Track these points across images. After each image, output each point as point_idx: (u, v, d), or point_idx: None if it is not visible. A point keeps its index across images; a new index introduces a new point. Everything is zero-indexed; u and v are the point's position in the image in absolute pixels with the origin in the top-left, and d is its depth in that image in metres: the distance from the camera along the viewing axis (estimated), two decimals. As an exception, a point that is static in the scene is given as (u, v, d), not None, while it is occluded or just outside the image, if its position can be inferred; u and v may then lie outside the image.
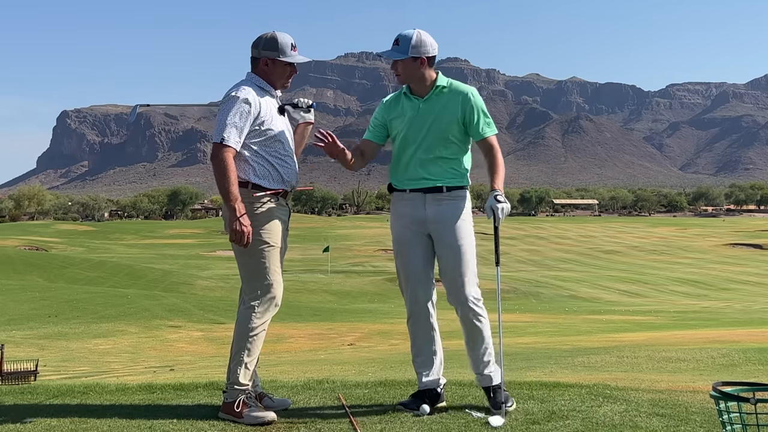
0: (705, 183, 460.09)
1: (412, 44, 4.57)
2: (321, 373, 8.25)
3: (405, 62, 4.60)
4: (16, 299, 29.70)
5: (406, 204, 4.70)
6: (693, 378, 6.57)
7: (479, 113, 4.63)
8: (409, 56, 4.57)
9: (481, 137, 4.64)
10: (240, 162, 4.47)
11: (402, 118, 4.72)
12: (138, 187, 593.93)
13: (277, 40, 4.55)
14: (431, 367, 4.71)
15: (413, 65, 4.60)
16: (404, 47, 4.58)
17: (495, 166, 4.60)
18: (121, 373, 12.97)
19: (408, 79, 4.66)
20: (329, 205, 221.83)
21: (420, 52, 4.58)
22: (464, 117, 4.62)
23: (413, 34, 4.59)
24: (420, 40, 4.58)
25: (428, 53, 4.61)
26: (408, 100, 4.73)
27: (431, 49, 4.62)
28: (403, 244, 4.69)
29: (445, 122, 4.62)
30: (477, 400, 4.86)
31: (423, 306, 4.68)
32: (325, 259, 63.31)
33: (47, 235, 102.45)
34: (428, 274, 4.71)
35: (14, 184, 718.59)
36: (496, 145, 4.66)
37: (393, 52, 4.61)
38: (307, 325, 25.02)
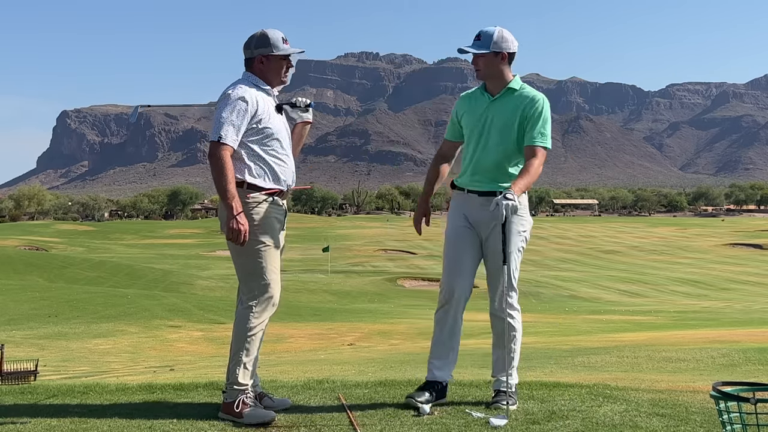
0: (705, 183, 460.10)
1: (494, 39, 4.61)
2: (321, 373, 8.25)
3: (486, 57, 4.63)
4: (16, 299, 29.69)
5: (462, 202, 4.77)
6: (693, 378, 6.57)
7: (540, 121, 4.62)
8: (491, 50, 4.60)
9: (530, 144, 4.61)
10: (236, 161, 4.45)
11: (472, 114, 4.77)
12: (138, 187, 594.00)
13: (268, 36, 4.55)
14: (446, 360, 4.78)
15: (494, 60, 4.63)
16: (486, 42, 4.61)
17: (527, 169, 4.58)
18: (121, 373, 12.97)
19: (487, 74, 4.68)
20: (329, 205, 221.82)
21: (501, 48, 4.62)
22: (526, 121, 4.63)
23: (495, 30, 4.64)
24: (501, 36, 4.63)
25: (509, 49, 4.65)
26: (482, 96, 4.77)
27: (512, 45, 4.67)
28: (453, 237, 4.77)
29: (508, 124, 4.64)
30: (477, 400, 4.86)
31: (456, 300, 4.73)
32: (325, 259, 63.30)
33: (47, 235, 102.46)
34: (470, 270, 4.76)
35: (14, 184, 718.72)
36: (539, 156, 4.61)
37: (475, 47, 4.63)
38: (307, 325, 25.02)
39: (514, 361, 4.75)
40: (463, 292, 4.74)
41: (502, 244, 4.59)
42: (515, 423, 4.21)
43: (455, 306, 4.74)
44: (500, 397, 4.64)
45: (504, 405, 4.51)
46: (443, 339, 4.78)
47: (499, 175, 4.68)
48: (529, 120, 4.62)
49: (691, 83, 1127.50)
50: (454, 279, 4.72)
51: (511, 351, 4.72)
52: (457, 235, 4.77)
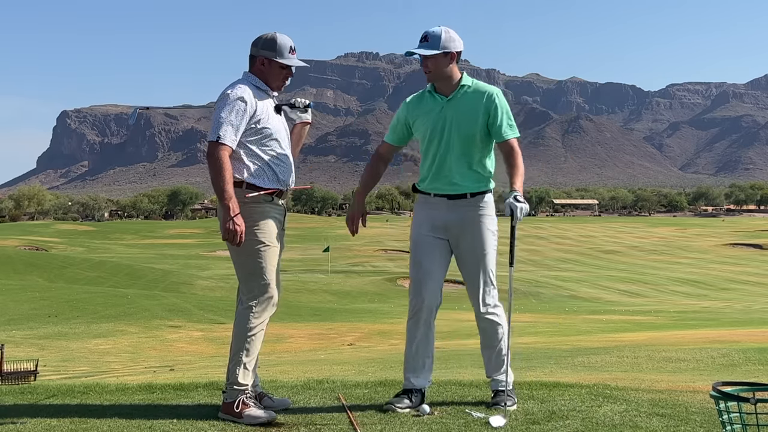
0: (705, 183, 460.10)
1: (442, 39, 4.58)
2: (321, 373, 8.25)
3: (436, 58, 4.59)
4: (16, 299, 29.69)
5: (429, 207, 4.71)
6: (693, 378, 6.57)
7: (503, 114, 4.63)
8: (440, 51, 4.58)
9: (503, 139, 4.62)
10: (235, 161, 4.45)
11: (426, 116, 4.71)
12: (138, 187, 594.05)
13: (275, 41, 4.54)
14: (422, 370, 4.73)
15: (444, 60, 4.60)
16: (434, 43, 4.58)
17: (515, 167, 4.59)
18: (121, 373, 12.97)
19: (437, 75, 4.64)
20: (329, 205, 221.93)
21: (450, 47, 4.60)
22: (488, 117, 4.61)
23: (441, 30, 4.61)
24: (449, 35, 4.61)
25: (457, 48, 4.63)
26: (432, 98, 4.72)
27: (459, 44, 4.64)
28: (420, 246, 4.70)
29: (468, 122, 4.61)
30: (477, 400, 4.86)
31: (427, 309, 4.67)
32: (325, 259, 63.29)
33: (47, 235, 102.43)
34: (439, 278, 4.71)
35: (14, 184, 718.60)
36: (516, 147, 4.64)
37: (423, 49, 4.60)
38: (307, 325, 25.01)
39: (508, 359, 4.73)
40: (434, 300, 4.69)
41: (511, 246, 4.56)
42: (515, 423, 4.21)
43: (426, 315, 4.68)
44: (499, 397, 4.63)
45: (503, 405, 4.51)
46: (416, 351, 4.72)
47: (465, 175, 4.63)
48: (493, 115, 4.60)
49: (691, 83, 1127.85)
50: (424, 288, 4.66)
51: (504, 349, 4.70)
52: (423, 242, 4.70)
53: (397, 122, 4.84)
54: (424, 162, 4.73)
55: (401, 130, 4.83)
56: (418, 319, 4.70)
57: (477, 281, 4.65)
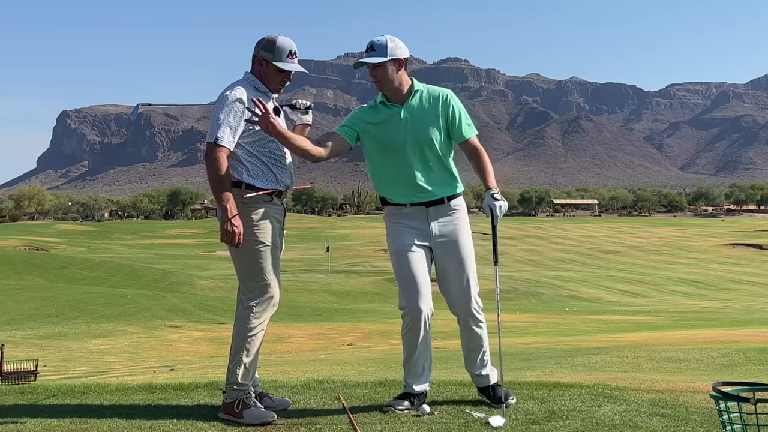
0: (705, 183, 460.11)
1: (389, 47, 4.55)
2: (321, 373, 8.25)
3: (384, 66, 4.55)
4: (16, 299, 29.68)
5: (406, 217, 4.67)
6: (693, 378, 6.57)
7: (460, 115, 4.64)
8: (388, 59, 4.54)
9: (463, 139, 4.65)
10: (233, 162, 4.45)
11: (382, 126, 4.63)
12: (138, 187, 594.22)
13: (275, 44, 4.53)
14: (421, 376, 4.73)
15: (391, 68, 4.57)
16: (381, 51, 4.55)
17: (483, 165, 4.62)
18: (121, 373, 12.97)
19: (387, 84, 4.58)
20: (329, 205, 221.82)
21: (396, 54, 4.57)
22: (446, 119, 4.62)
23: (386, 39, 4.58)
24: (394, 43, 4.58)
25: (404, 55, 4.61)
26: (386, 108, 4.65)
27: (405, 51, 4.62)
28: (406, 257, 4.64)
29: (428, 127, 4.59)
30: (477, 400, 4.86)
31: (423, 318, 4.64)
32: (325, 259, 63.32)
33: (47, 235, 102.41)
34: (428, 286, 4.69)
35: (14, 184, 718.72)
36: (479, 144, 4.67)
37: (370, 57, 4.56)
38: (307, 325, 25.02)
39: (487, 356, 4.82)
40: (430, 309, 4.66)
41: (493, 245, 4.61)
42: (515, 423, 4.22)
43: (423, 323, 4.65)
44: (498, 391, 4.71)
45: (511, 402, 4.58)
46: (417, 359, 4.71)
47: (436, 181, 4.61)
48: (451, 117, 4.62)
49: (691, 83, 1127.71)
50: (417, 298, 4.61)
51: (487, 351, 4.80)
52: (408, 253, 4.64)
53: (349, 122, 4.71)
54: (385, 173, 4.66)
55: (352, 131, 4.68)
56: (416, 330, 4.65)
57: (463, 285, 4.64)
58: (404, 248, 4.67)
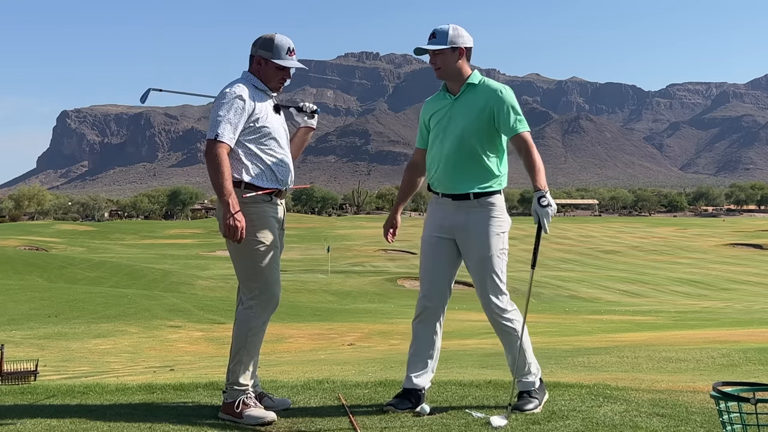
0: (705, 183, 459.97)
1: (450, 35, 4.56)
2: (321, 373, 8.25)
3: (444, 53, 4.57)
4: (16, 299, 29.65)
5: (438, 207, 4.70)
6: (693, 378, 6.57)
7: (509, 110, 4.56)
8: (448, 46, 4.55)
9: (513, 133, 4.56)
10: (233, 160, 4.44)
11: (436, 115, 4.70)
12: (138, 187, 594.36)
13: (273, 41, 4.54)
14: (424, 369, 4.70)
15: (452, 56, 4.58)
16: (441, 39, 4.57)
17: (531, 162, 4.51)
18: (121, 373, 12.96)
19: (446, 72, 4.62)
20: (329, 205, 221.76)
21: (457, 43, 4.57)
22: (493, 114, 4.56)
23: (449, 27, 4.59)
24: (456, 32, 4.59)
25: (466, 44, 4.61)
26: (444, 97, 4.71)
27: (468, 40, 4.62)
28: (428, 245, 4.70)
29: (470, 121, 4.57)
30: (477, 401, 4.86)
31: (432, 309, 4.66)
32: (324, 259, 63.26)
33: (47, 235, 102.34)
34: (447, 278, 4.70)
35: (14, 184, 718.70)
36: (530, 141, 4.56)
37: (431, 44, 4.59)
38: (307, 325, 24.99)
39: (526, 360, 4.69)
40: (440, 301, 4.68)
41: (534, 248, 4.60)
42: (515, 423, 4.22)
43: (432, 315, 4.67)
44: (522, 399, 4.59)
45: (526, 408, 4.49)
46: (421, 351, 4.70)
47: (469, 176, 4.59)
48: (500, 111, 4.56)
49: (692, 83, 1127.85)
50: (429, 289, 4.65)
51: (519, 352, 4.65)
52: (431, 242, 4.69)
53: (420, 125, 4.85)
54: (433, 161, 4.69)
55: (424, 132, 4.82)
56: (422, 319, 4.68)
57: (482, 286, 4.61)
58: (428, 238, 4.72)
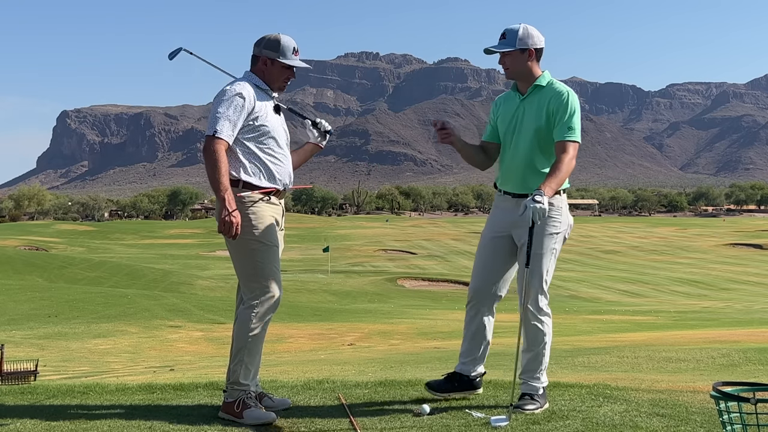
0: (705, 183, 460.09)
1: (519, 36, 4.58)
2: (321, 373, 8.25)
3: (513, 54, 4.59)
4: (16, 299, 29.66)
5: (498, 205, 4.79)
6: (693, 378, 6.57)
7: (563, 115, 4.55)
8: (517, 48, 4.57)
9: (559, 138, 4.55)
10: (231, 159, 4.43)
11: (504, 115, 4.75)
12: (138, 187, 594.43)
13: (279, 42, 4.54)
14: (471, 356, 4.83)
15: (521, 57, 4.60)
16: (511, 40, 4.59)
17: (555, 169, 4.50)
18: (121, 373, 12.96)
19: (515, 73, 4.65)
20: (329, 205, 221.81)
21: (527, 44, 4.58)
22: (552, 116, 4.57)
23: (519, 27, 4.60)
24: (527, 32, 4.59)
25: (536, 45, 4.62)
26: (513, 97, 4.75)
27: (538, 41, 4.63)
28: (484, 239, 4.81)
29: (534, 122, 4.60)
30: (477, 401, 4.86)
31: (478, 300, 4.76)
32: (325, 259, 63.27)
33: (47, 235, 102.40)
34: (497, 273, 4.76)
35: (14, 184, 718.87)
36: (569, 152, 4.51)
37: (501, 46, 4.61)
38: (307, 325, 25.00)
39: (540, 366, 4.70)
40: (486, 293, 4.75)
41: (528, 246, 4.54)
42: (515, 423, 4.22)
43: (478, 306, 4.77)
44: (523, 400, 4.59)
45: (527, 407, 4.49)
46: (468, 336, 4.84)
47: (530, 175, 4.63)
48: (556, 115, 4.56)
49: (692, 83, 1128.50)
50: (478, 280, 4.76)
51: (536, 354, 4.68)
52: (488, 237, 4.79)
53: (489, 121, 4.93)
54: (501, 160, 4.78)
55: (490, 128, 4.90)
56: (471, 308, 4.80)
57: (527, 284, 4.61)
58: (485, 234, 4.82)
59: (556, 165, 4.50)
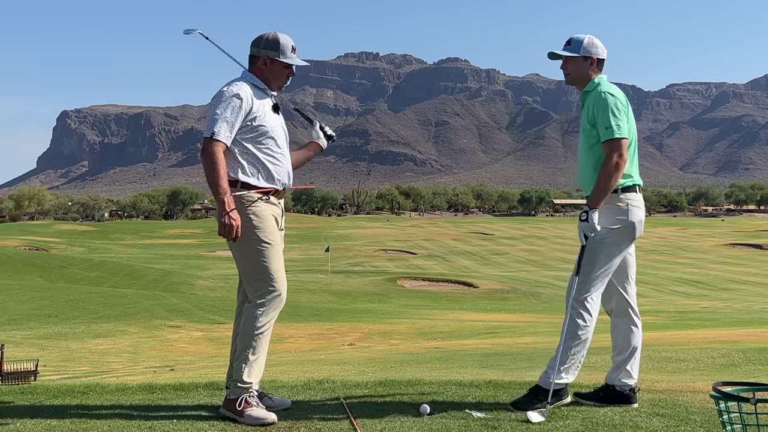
0: (705, 183, 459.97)
1: (584, 45, 4.69)
2: (321, 373, 8.26)
3: (575, 60, 4.71)
4: (16, 299, 29.66)
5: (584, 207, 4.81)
6: (693, 378, 6.58)
7: (601, 114, 4.56)
8: (580, 55, 4.68)
9: (602, 140, 4.57)
10: (229, 159, 4.42)
11: None
12: (138, 187, 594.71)
13: (278, 41, 4.54)
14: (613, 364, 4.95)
15: (583, 65, 4.71)
16: (576, 47, 4.71)
17: (597, 177, 4.56)
18: (121, 373, 12.97)
19: (574, 78, 4.76)
20: (329, 205, 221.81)
21: (591, 53, 4.69)
22: (594, 119, 4.60)
23: (585, 37, 4.73)
24: (591, 42, 4.72)
25: (599, 55, 4.72)
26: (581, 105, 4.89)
27: (601, 51, 4.74)
28: None
29: (583, 128, 4.70)
30: (477, 400, 4.87)
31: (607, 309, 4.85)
32: (325, 259, 63.32)
33: (47, 235, 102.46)
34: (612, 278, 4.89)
35: (14, 184, 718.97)
36: (610, 152, 4.53)
37: (564, 51, 4.72)
38: (307, 325, 25.01)
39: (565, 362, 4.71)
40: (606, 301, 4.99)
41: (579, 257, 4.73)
42: (514, 423, 4.22)
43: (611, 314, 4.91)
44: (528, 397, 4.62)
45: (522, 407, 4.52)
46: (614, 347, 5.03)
47: (589, 178, 4.70)
48: (597, 117, 4.59)
49: (691, 83, 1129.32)
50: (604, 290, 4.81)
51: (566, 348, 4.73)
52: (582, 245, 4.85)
53: None
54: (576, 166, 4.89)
55: None
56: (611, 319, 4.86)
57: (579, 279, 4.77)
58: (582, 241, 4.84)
59: (599, 172, 4.55)
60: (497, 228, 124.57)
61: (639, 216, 4.71)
